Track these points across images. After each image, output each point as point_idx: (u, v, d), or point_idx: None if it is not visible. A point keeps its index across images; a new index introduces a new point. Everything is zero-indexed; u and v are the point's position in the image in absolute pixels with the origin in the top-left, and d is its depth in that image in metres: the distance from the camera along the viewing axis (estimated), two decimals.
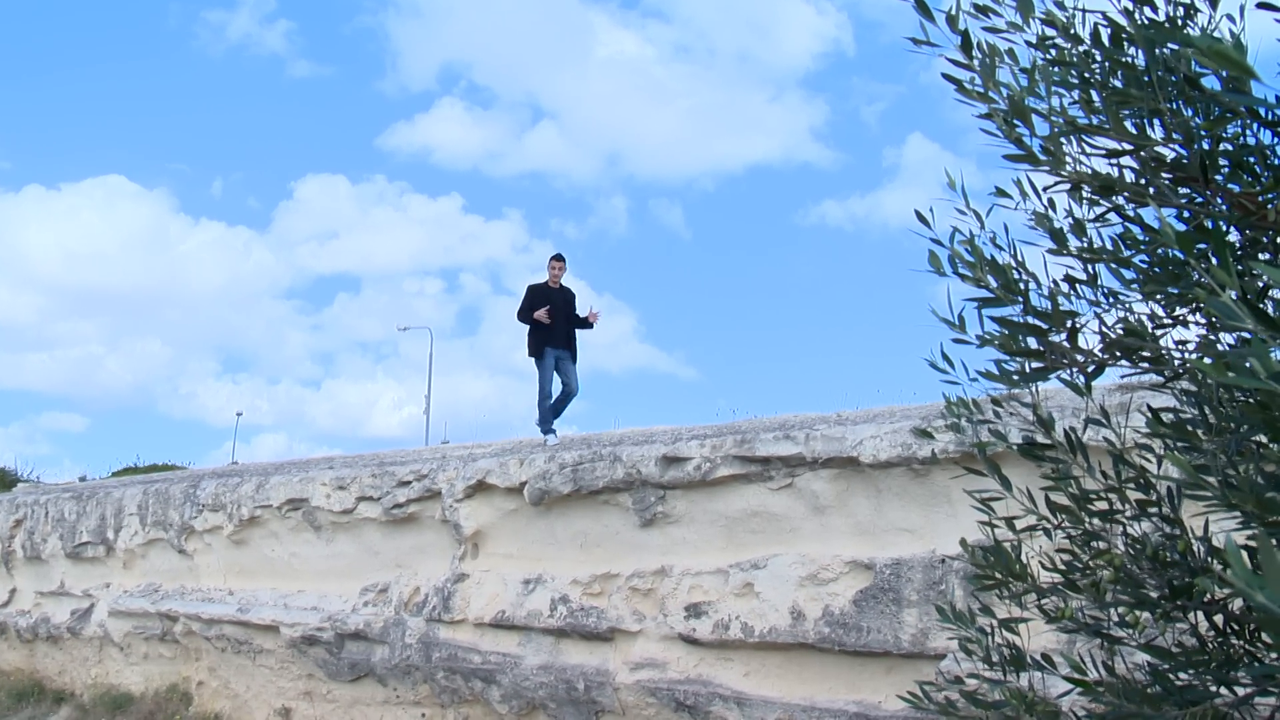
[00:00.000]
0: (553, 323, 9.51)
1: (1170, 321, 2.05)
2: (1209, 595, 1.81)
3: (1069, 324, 1.90)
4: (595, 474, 7.58)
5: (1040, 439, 2.40)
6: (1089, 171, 1.81)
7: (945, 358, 2.40)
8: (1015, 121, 1.78)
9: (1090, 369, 1.88)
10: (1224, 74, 1.68)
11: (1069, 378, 2.00)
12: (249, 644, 9.93)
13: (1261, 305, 1.64)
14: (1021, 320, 1.93)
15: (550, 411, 9.48)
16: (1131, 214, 2.05)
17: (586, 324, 9.82)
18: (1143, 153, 1.73)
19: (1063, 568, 2.21)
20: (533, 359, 9.64)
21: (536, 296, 9.73)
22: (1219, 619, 1.84)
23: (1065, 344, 1.90)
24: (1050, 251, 2.18)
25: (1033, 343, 1.94)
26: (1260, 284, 1.82)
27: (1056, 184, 1.82)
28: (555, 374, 9.59)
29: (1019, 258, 2.23)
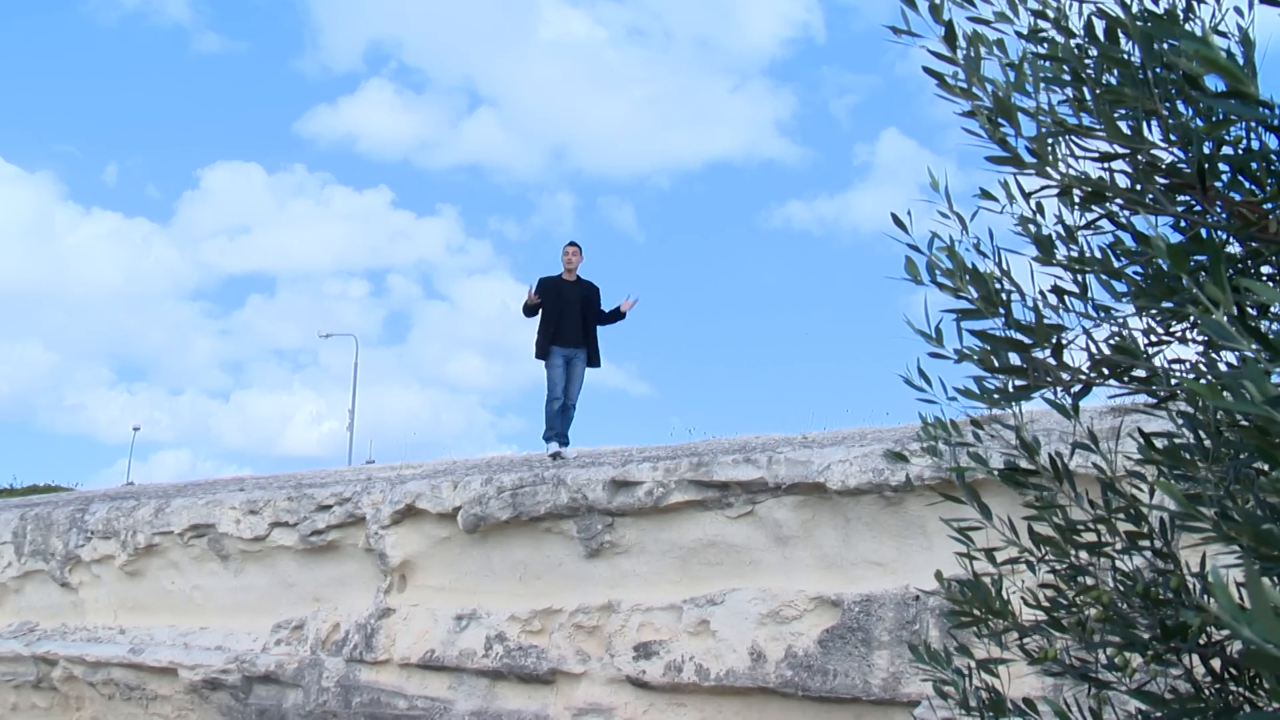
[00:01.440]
0: (563, 318, 9.16)
1: (1166, 338, 2.08)
2: (1205, 636, 1.83)
3: (1054, 339, 1.92)
4: (536, 499, 7.54)
5: (1023, 464, 2.42)
6: (1079, 175, 1.83)
7: (922, 374, 2.41)
8: (1000, 120, 1.80)
9: (1077, 389, 1.90)
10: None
11: (1055, 398, 2.02)
12: (141, 689, 9.69)
13: (1261, 324, 1.67)
14: (1004, 334, 1.94)
15: (558, 416, 9.13)
16: (1125, 221, 2.08)
17: (617, 315, 9.41)
18: (1138, 156, 1.75)
19: (1047, 605, 2.23)
20: (540, 361, 9.25)
21: (544, 291, 9.31)
22: (1216, 662, 1.87)
23: (1050, 361, 1.92)
24: (1036, 260, 2.20)
25: (1014, 359, 1.95)
26: (1252, 301, 1.85)
27: (1044, 188, 1.84)
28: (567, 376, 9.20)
29: (1003, 266, 2.25)
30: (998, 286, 2.02)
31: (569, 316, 9.18)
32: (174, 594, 9.90)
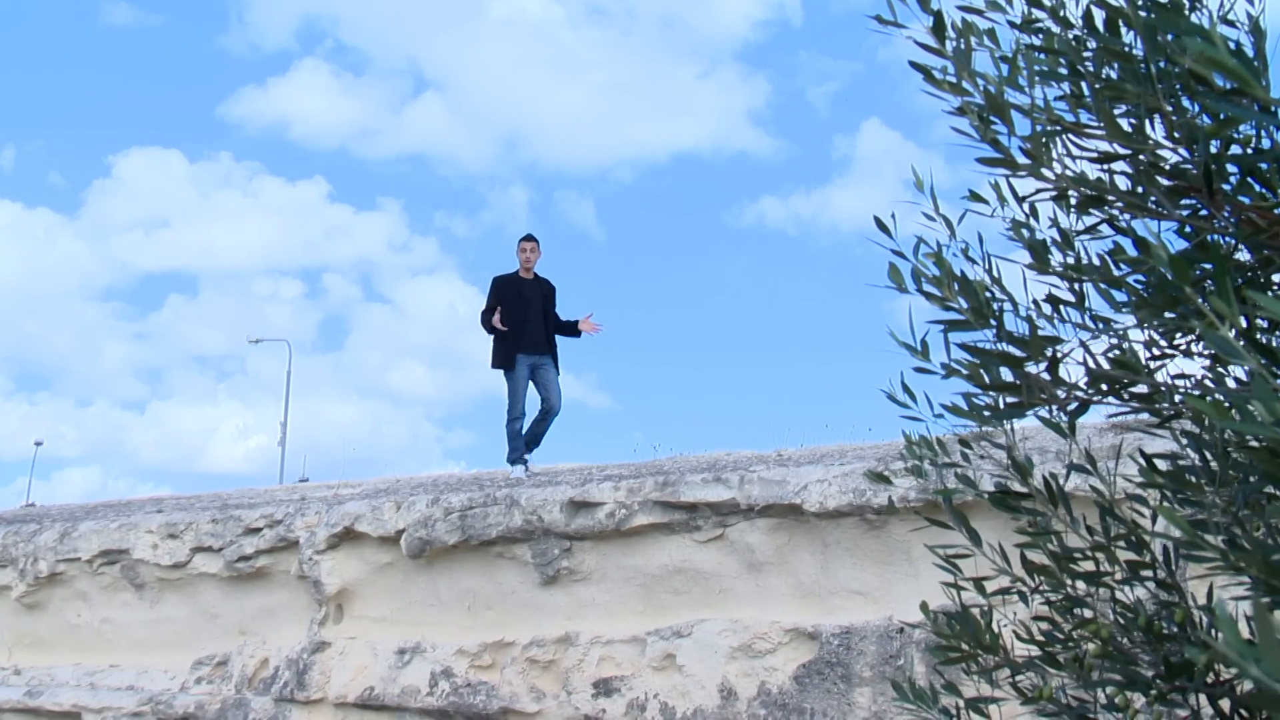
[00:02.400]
0: (526, 321, 9.02)
1: (1169, 351, 2.11)
2: (1212, 675, 1.85)
3: (1049, 353, 1.94)
4: (488, 521, 7.51)
5: (1016, 487, 2.44)
6: (1076, 176, 1.85)
7: (906, 389, 2.42)
8: (992, 119, 1.81)
9: (1073, 407, 1.92)
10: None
11: (1050, 416, 2.04)
12: None
13: (1271, 340, 1.69)
14: (994, 347, 1.95)
15: (521, 436, 9.05)
16: (1125, 225, 2.10)
17: (573, 330, 9.30)
18: (1139, 157, 1.77)
19: (1041, 639, 2.24)
20: (499, 371, 9.12)
21: (503, 291, 9.20)
22: (1224, 703, 1.89)
23: (1045, 377, 1.93)
24: (1030, 267, 2.22)
25: (1006, 374, 1.97)
26: (1262, 314, 1.88)
27: (1039, 191, 1.86)
28: (533, 386, 9.10)
29: (994, 273, 2.27)
30: (988, 296, 2.04)
31: (533, 319, 9.07)
32: (80, 628, 9.74)
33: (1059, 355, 1.93)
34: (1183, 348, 2.14)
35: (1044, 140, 1.76)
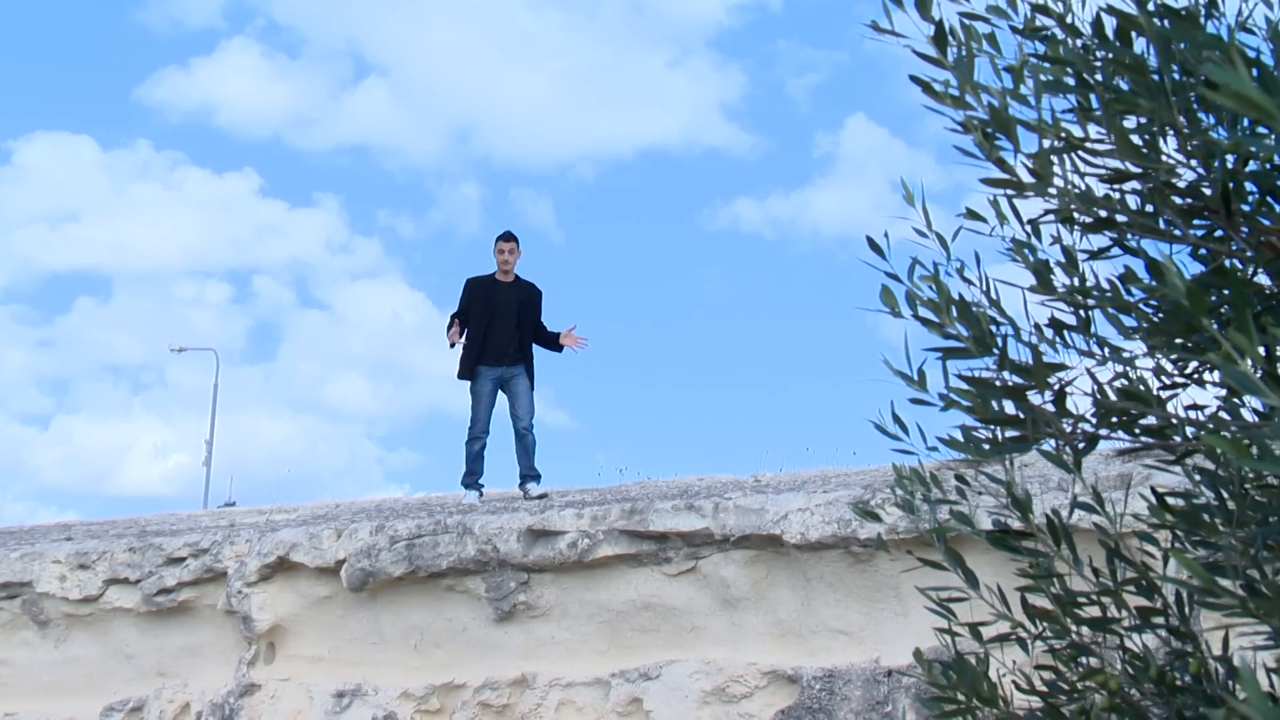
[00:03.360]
0: (491, 329, 8.91)
1: (1181, 380, 2.15)
2: None
3: (1055, 383, 1.97)
4: (438, 551, 7.50)
5: (1016, 524, 2.48)
6: (1082, 194, 1.89)
7: (896, 419, 2.46)
8: (996, 135, 1.85)
9: (1082, 444, 1.96)
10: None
11: (1053, 449, 2.08)
12: None
13: None
14: (997, 378, 1.99)
15: (481, 458, 8.97)
16: (1136, 246, 2.14)
17: (553, 342, 9.15)
18: (1151, 174, 1.81)
19: (1044, 690, 2.28)
20: (464, 383, 9.01)
21: (473, 295, 9.12)
22: None
23: (1050, 408, 1.97)
24: (1032, 290, 2.26)
25: (1010, 407, 2.00)
26: None
27: (1047, 213, 1.90)
28: (504, 399, 8.99)
29: (992, 295, 2.31)
30: (990, 322, 2.07)
31: (500, 326, 8.97)
32: None
33: (1065, 386, 1.96)
34: (1196, 375, 2.19)
35: (1050, 159, 1.79)
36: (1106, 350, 2.22)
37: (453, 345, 9.01)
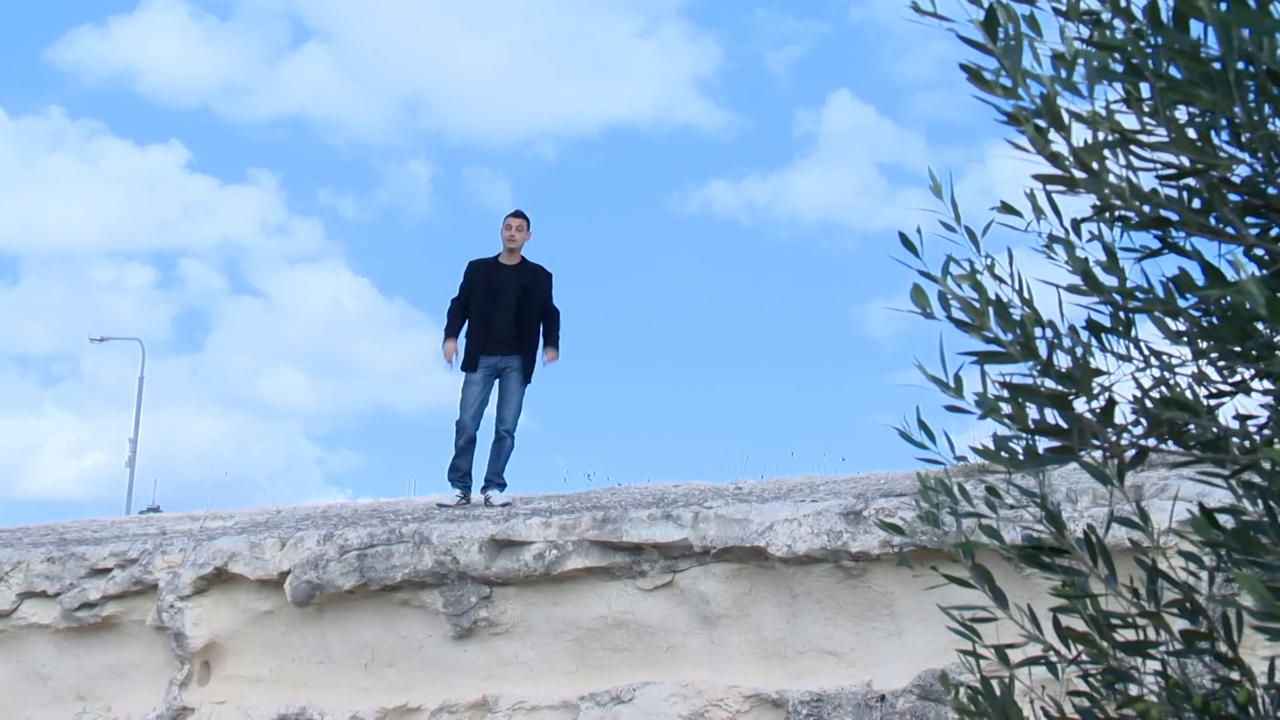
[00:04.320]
0: (494, 315, 8.91)
1: (1227, 388, 2.19)
2: None
3: (1106, 393, 2.01)
4: (391, 562, 7.49)
5: (1046, 538, 2.52)
6: (1136, 190, 1.92)
7: (923, 426, 2.49)
8: (1045, 126, 1.88)
9: (1130, 454, 2.00)
10: None
11: (1098, 462, 2.11)
12: None
13: None
14: (1039, 384, 2.02)
15: (468, 452, 8.98)
16: (1180, 244, 2.18)
17: (547, 340, 9.12)
18: (1209, 170, 1.85)
19: (1076, 717, 2.32)
20: (462, 373, 9.03)
21: (473, 279, 9.13)
22: None
23: (1095, 418, 2.00)
24: (1073, 290, 2.30)
25: (1053, 416, 2.04)
26: None
27: (1097, 210, 1.93)
28: (494, 392, 9.01)
29: (1024, 294, 2.35)
30: (1035, 324, 2.11)
31: (502, 313, 8.97)
32: None
33: (1113, 395, 2.00)
34: (1243, 383, 2.23)
35: (1103, 153, 1.83)
36: (1149, 356, 2.27)
37: (451, 363, 9.03)
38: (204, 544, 8.28)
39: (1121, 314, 2.27)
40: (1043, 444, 2.22)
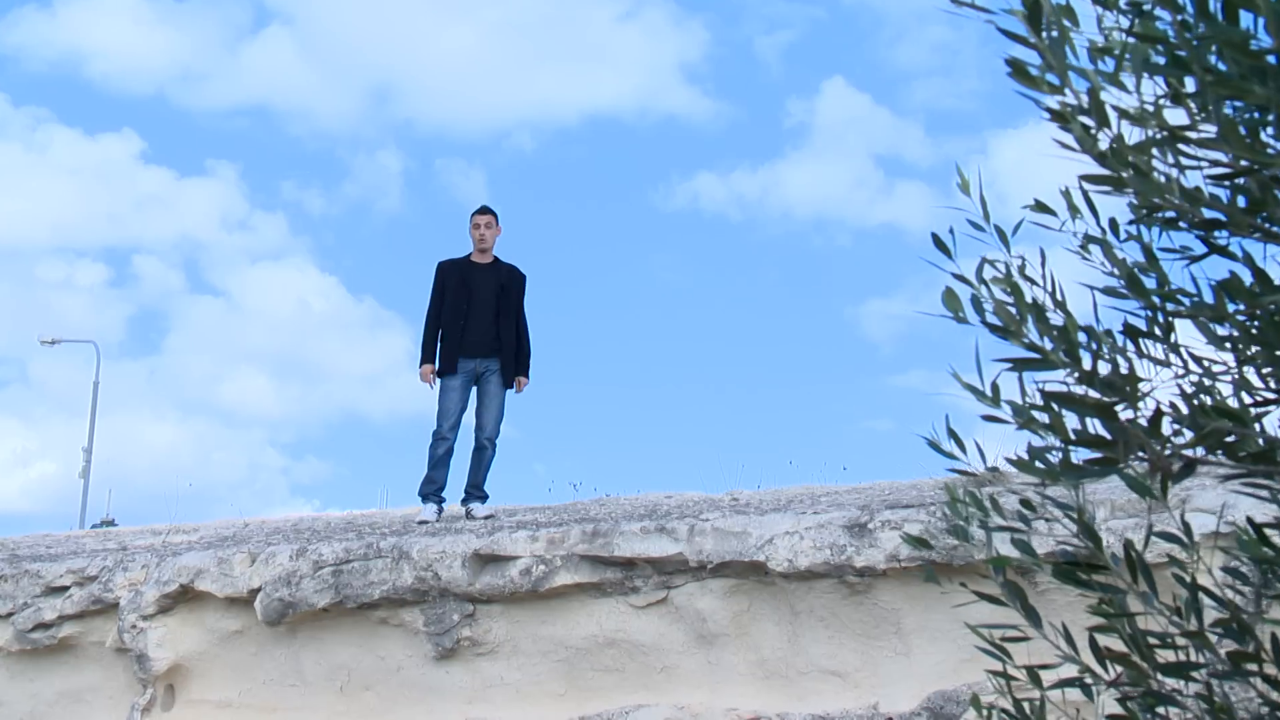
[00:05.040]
0: (470, 318, 8.94)
1: (1273, 397, 2.21)
2: None
3: (1148, 400, 2.03)
4: (369, 578, 7.48)
5: (1079, 552, 2.54)
6: (1186, 191, 1.94)
7: (953, 435, 2.51)
8: (1089, 123, 1.89)
9: (1177, 466, 2.01)
10: None
11: (1139, 474, 2.13)
12: None
13: None
14: (1084, 393, 2.04)
15: (445, 464, 8.98)
16: (1225, 245, 2.21)
17: (523, 354, 9.16)
18: (1261, 170, 1.87)
19: None
20: (438, 379, 9.05)
21: (446, 280, 9.14)
22: None
23: (1142, 429, 2.02)
24: (1109, 293, 2.32)
25: (1096, 426, 2.05)
26: None
27: (1151, 213, 1.95)
28: (472, 399, 9.04)
29: (1057, 296, 2.36)
30: (1061, 328, 2.12)
31: (479, 315, 9.01)
32: None
33: (1160, 403, 2.01)
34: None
35: (1153, 152, 1.85)
36: (1189, 362, 2.29)
37: (428, 380, 9.03)
38: (168, 560, 8.26)
39: (1161, 318, 2.29)
40: (1080, 455, 2.24)
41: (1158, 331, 2.28)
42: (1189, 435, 2.17)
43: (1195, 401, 2.18)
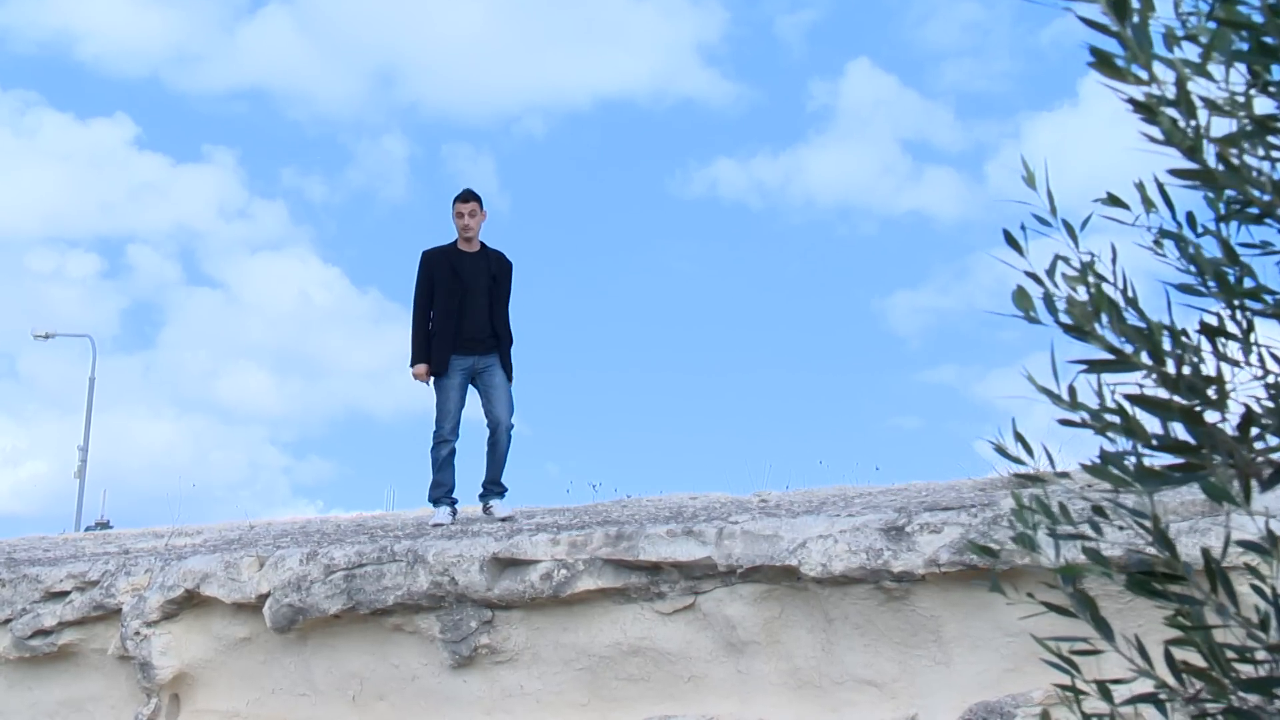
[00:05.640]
0: (464, 311, 8.90)
1: None
2: None
3: (1236, 404, 2.02)
4: (383, 583, 7.49)
5: (1149, 558, 2.53)
6: (1273, 184, 1.94)
7: (1019, 439, 2.51)
8: (1175, 115, 1.89)
9: (1268, 472, 2.01)
10: None
11: (1218, 482, 2.13)
12: None
13: None
14: (1167, 397, 2.04)
15: (450, 466, 8.97)
16: None
17: (505, 355, 9.07)
18: None
19: None
20: (428, 379, 9.03)
21: (433, 271, 9.09)
22: None
23: (1228, 433, 2.02)
24: (1184, 290, 2.31)
25: (1177, 430, 2.05)
26: None
27: (1242, 207, 1.95)
28: (477, 396, 9.02)
29: (1128, 292, 2.36)
30: (1151, 328, 2.12)
31: (473, 307, 8.97)
32: None
33: (1247, 405, 2.01)
34: None
35: (1243, 144, 1.85)
36: (1268, 361, 2.29)
37: (422, 378, 9.01)
38: (173, 564, 8.29)
39: (1240, 316, 2.29)
40: (1157, 460, 2.24)
41: (1236, 330, 2.28)
42: (1272, 440, 2.17)
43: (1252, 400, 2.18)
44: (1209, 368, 2.21)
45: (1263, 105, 2.09)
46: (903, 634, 6.54)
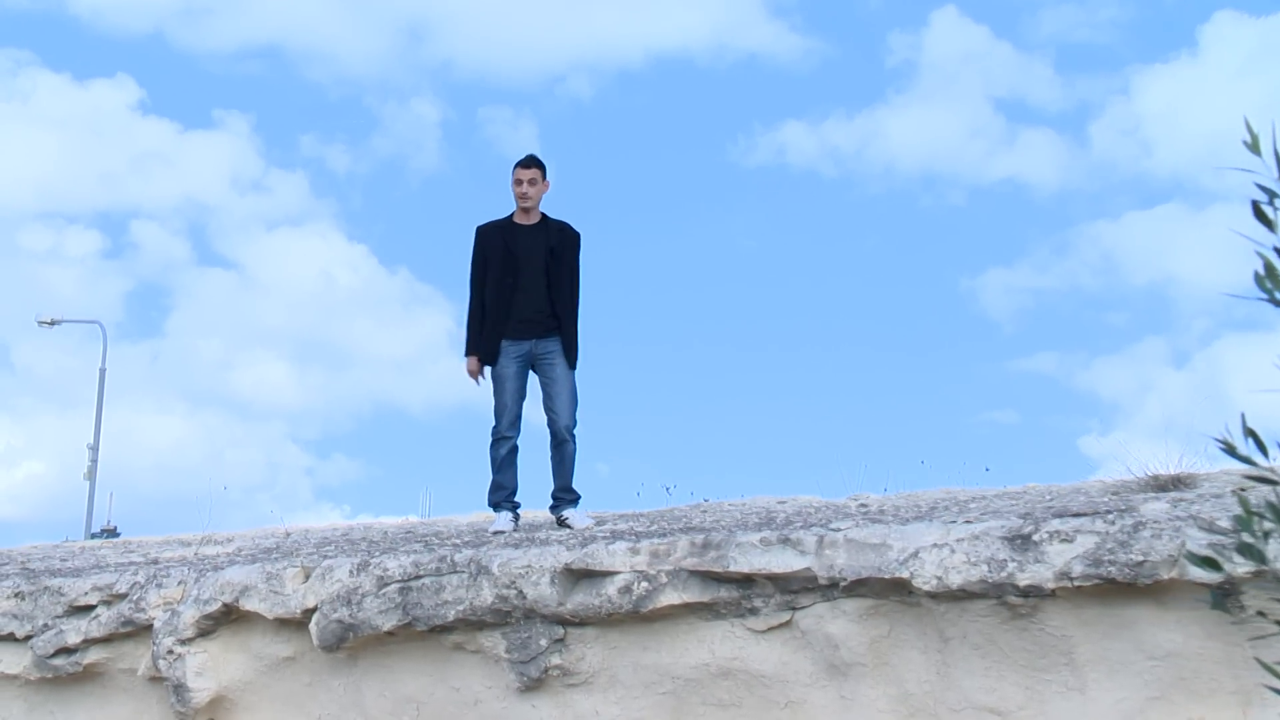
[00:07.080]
0: (517, 290, 8.84)
1: None
2: None
3: None
4: (442, 597, 7.48)
5: None
6: None
7: (1252, 436, 2.45)
8: None
9: None
10: None
11: None
12: None
13: None
14: None
15: (513, 467, 8.96)
16: None
17: (570, 337, 9.02)
18: None
19: None
20: (483, 368, 9.03)
21: (487, 247, 9.07)
22: None
23: None
24: None
25: None
26: None
27: None
28: (534, 386, 8.99)
29: None
30: None
31: (529, 285, 8.91)
32: None
33: None
34: None
35: None
36: None
37: (474, 374, 9.01)
38: (208, 575, 8.31)
39: None
40: None
41: None
42: None
43: None
44: None
45: None
46: (1029, 656, 6.46)
